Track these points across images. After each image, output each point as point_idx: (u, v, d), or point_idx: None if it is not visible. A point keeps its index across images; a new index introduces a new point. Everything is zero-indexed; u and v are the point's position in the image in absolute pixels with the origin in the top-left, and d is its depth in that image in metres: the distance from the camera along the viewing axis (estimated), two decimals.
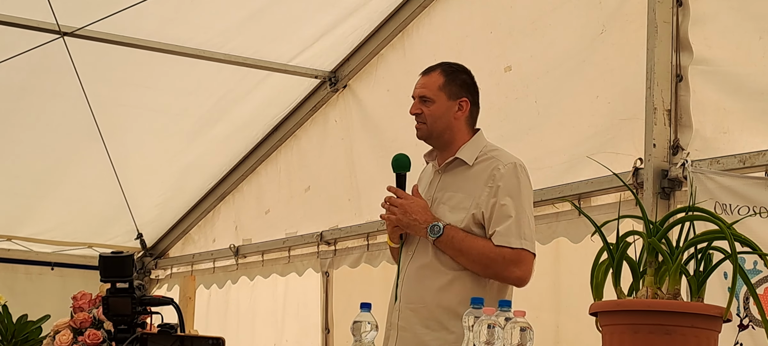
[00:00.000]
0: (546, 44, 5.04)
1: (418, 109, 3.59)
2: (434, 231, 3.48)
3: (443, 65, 3.68)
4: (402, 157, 3.60)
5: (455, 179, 3.59)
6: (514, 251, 3.44)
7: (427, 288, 3.52)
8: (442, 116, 3.58)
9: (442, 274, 3.51)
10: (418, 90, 3.62)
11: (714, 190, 4.00)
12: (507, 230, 3.45)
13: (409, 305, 3.54)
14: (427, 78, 3.64)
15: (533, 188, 4.87)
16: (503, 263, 3.44)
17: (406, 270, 3.58)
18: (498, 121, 5.24)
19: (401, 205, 3.54)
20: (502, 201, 3.47)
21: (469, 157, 3.58)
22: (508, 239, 3.44)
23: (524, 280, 3.49)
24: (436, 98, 3.58)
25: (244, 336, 7.16)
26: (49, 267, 7.76)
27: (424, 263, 3.54)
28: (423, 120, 3.59)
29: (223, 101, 6.58)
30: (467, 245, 3.47)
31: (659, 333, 2.06)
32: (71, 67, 5.92)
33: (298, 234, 6.58)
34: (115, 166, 6.78)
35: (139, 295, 2.55)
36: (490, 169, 3.53)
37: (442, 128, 3.59)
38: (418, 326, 3.52)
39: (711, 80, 4.30)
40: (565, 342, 4.93)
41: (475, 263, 3.47)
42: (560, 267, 5.03)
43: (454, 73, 3.65)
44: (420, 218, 3.52)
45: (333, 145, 6.45)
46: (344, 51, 6.23)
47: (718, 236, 2.17)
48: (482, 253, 3.45)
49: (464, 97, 3.62)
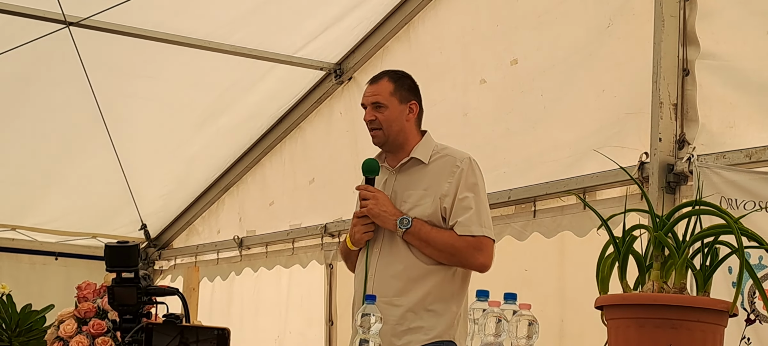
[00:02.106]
0: (552, 38, 5.03)
1: (372, 116, 3.80)
2: (404, 223, 3.71)
3: (388, 73, 3.92)
4: (371, 162, 3.84)
5: (412, 177, 3.81)
6: (476, 238, 3.68)
7: (403, 282, 3.71)
8: (396, 120, 3.80)
9: (415, 267, 3.71)
10: (370, 98, 3.83)
11: (720, 184, 3.99)
12: (468, 220, 3.68)
13: (384, 298, 3.66)
14: (377, 86, 3.85)
15: (539, 182, 4.91)
16: (467, 249, 3.67)
17: (377, 268, 3.77)
18: (504, 114, 5.24)
19: (374, 196, 3.77)
20: (462, 195, 3.71)
21: (424, 156, 3.81)
22: (469, 228, 3.68)
23: (486, 265, 3.72)
24: (388, 103, 3.80)
25: (247, 328, 7.16)
26: (53, 257, 7.76)
27: (396, 258, 3.74)
28: (378, 126, 3.80)
29: (228, 93, 6.58)
30: (433, 236, 3.69)
31: (665, 327, 2.05)
32: (76, 57, 5.91)
33: (302, 226, 6.58)
34: (120, 156, 6.78)
35: (144, 285, 2.55)
36: (448, 165, 3.77)
37: (397, 131, 3.81)
38: (393, 318, 3.68)
39: (718, 75, 4.29)
40: (570, 336, 4.93)
41: (442, 252, 3.69)
42: (565, 261, 5.02)
43: (401, 79, 3.88)
44: (389, 209, 3.75)
45: (338, 137, 6.45)
46: (349, 43, 6.22)
47: (724, 230, 2.16)
48: (447, 242, 3.68)
49: (413, 100, 3.85)
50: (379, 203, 3.75)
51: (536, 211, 4.91)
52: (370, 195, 3.77)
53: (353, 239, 3.86)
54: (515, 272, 4.89)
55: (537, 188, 4.90)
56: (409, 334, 3.68)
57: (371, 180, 3.82)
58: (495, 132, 5.24)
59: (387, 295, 3.69)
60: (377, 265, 3.78)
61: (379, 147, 3.88)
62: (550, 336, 4.87)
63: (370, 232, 3.80)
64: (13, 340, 3.67)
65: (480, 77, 5.41)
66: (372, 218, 3.77)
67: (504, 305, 2.35)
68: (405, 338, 3.68)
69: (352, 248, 3.89)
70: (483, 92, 5.39)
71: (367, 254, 3.80)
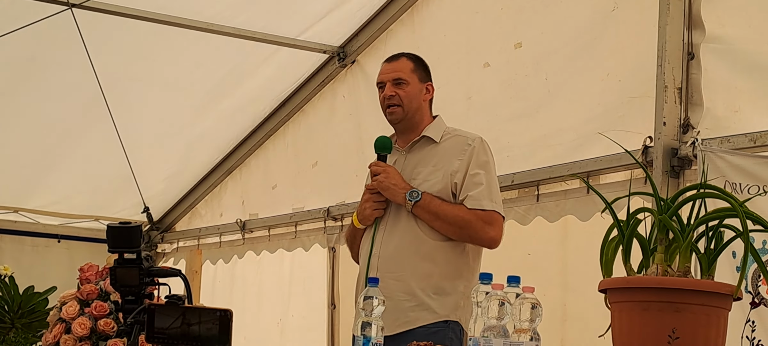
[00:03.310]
0: (557, 21, 5.01)
1: (393, 92, 3.81)
2: (413, 196, 3.71)
3: (407, 53, 3.95)
4: (384, 139, 3.86)
5: (423, 156, 3.82)
6: (486, 212, 3.68)
7: (410, 257, 3.71)
8: (415, 97, 3.84)
9: (423, 242, 3.71)
10: (390, 74, 3.85)
11: (724, 169, 3.98)
12: (479, 194, 3.69)
13: (390, 274, 3.68)
14: (397, 63, 3.88)
15: (543, 165, 4.89)
16: (478, 223, 3.67)
17: (382, 243, 3.76)
18: (508, 98, 5.22)
19: (384, 170, 3.78)
20: (473, 171, 3.72)
21: (436, 135, 3.83)
22: (480, 202, 3.68)
23: (497, 240, 3.72)
24: (410, 80, 3.83)
25: (249, 311, 7.16)
26: (55, 240, 7.77)
27: (403, 234, 3.74)
28: (397, 102, 3.82)
29: (231, 75, 6.56)
30: (443, 209, 3.69)
31: (669, 311, 2.05)
32: (79, 39, 5.90)
33: (304, 209, 6.58)
34: (123, 139, 6.77)
35: (146, 266, 2.54)
36: (460, 144, 3.78)
37: (415, 109, 3.84)
38: (399, 293, 3.67)
39: (723, 58, 4.26)
40: (572, 320, 4.93)
41: (452, 225, 3.69)
42: (568, 245, 5.01)
43: (419, 59, 3.93)
44: (399, 183, 3.75)
45: (341, 121, 6.44)
46: (353, 26, 6.21)
47: (729, 214, 2.15)
48: (458, 216, 3.68)
49: (429, 81, 3.91)
50: (390, 176, 3.76)
51: (540, 195, 4.90)
52: (381, 170, 3.79)
53: (362, 216, 3.84)
54: (518, 256, 4.88)
55: (540, 171, 4.89)
56: (416, 311, 3.67)
57: (383, 157, 3.83)
58: (499, 116, 5.23)
59: (393, 270, 3.69)
60: (383, 241, 3.77)
61: (395, 125, 3.88)
62: (553, 320, 4.87)
63: (380, 208, 3.79)
64: (16, 322, 3.68)
65: (484, 61, 5.40)
66: (381, 190, 3.76)
67: (507, 288, 2.35)
68: (411, 315, 3.67)
69: (358, 226, 3.87)
70: (487, 76, 5.37)
71: (374, 231, 3.79)
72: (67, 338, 3.26)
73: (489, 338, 2.24)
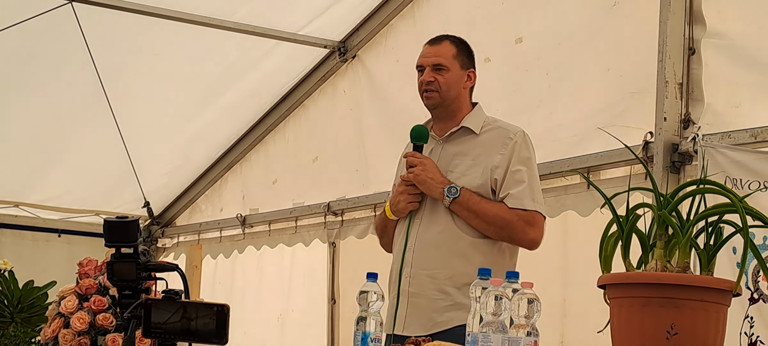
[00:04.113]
0: (558, 16, 5.00)
1: (432, 77, 3.62)
2: (452, 192, 3.52)
3: (451, 37, 3.74)
4: (421, 129, 3.65)
5: (461, 147, 3.64)
6: (528, 212, 3.52)
7: (445, 254, 3.54)
8: (455, 85, 3.64)
9: (459, 239, 3.54)
10: (431, 59, 3.66)
11: (724, 164, 3.97)
12: (521, 193, 3.51)
13: (424, 270, 3.55)
14: (439, 47, 3.68)
15: (543, 161, 4.88)
16: (519, 224, 3.51)
17: (417, 237, 3.59)
18: (508, 93, 5.21)
19: (421, 162, 3.59)
20: (515, 167, 3.54)
21: (476, 126, 3.64)
22: (522, 202, 3.51)
23: (537, 242, 3.57)
24: (451, 66, 3.64)
25: (250, 306, 7.17)
26: (55, 234, 7.77)
27: (440, 229, 3.56)
28: (435, 88, 3.62)
29: (232, 70, 6.56)
30: (482, 207, 3.52)
31: (668, 306, 2.04)
32: (79, 33, 5.89)
33: (305, 204, 6.57)
34: (123, 133, 6.77)
35: (143, 260, 2.53)
36: (501, 137, 3.60)
37: (454, 97, 3.65)
38: (433, 291, 3.53)
39: (724, 54, 4.26)
40: (572, 315, 4.92)
41: (491, 224, 3.52)
42: (568, 240, 5.01)
43: (463, 45, 3.74)
44: (437, 177, 3.56)
45: (341, 116, 6.43)
46: (354, 21, 6.20)
47: (729, 210, 2.14)
48: (498, 215, 3.51)
49: (472, 68, 3.72)
50: (427, 169, 3.56)
51: None
52: (418, 162, 3.58)
53: (396, 208, 3.64)
54: (518, 252, 4.87)
55: (541, 167, 4.84)
56: (451, 311, 3.49)
57: (419, 147, 3.62)
58: (499, 111, 5.17)
59: (427, 267, 3.54)
60: (417, 235, 3.59)
61: (431, 110, 3.68)
62: (552, 315, 4.86)
63: (415, 201, 3.60)
64: (15, 316, 3.68)
65: (484, 56, 5.38)
66: (418, 184, 3.57)
67: (505, 283, 2.34)
68: (446, 315, 3.49)
69: (390, 217, 3.69)
70: (487, 71, 5.35)
71: (409, 224, 3.61)
72: (66, 332, 3.26)
73: (487, 333, 2.23)
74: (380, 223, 3.82)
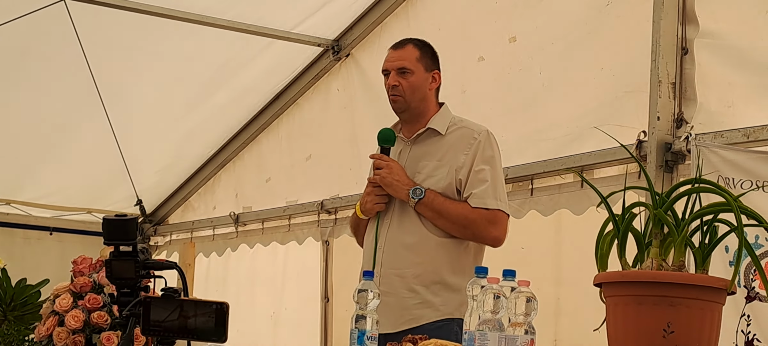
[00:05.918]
0: (551, 15, 5.01)
1: (396, 81, 3.71)
2: (417, 193, 3.63)
3: (414, 40, 3.83)
4: (387, 132, 3.75)
5: (428, 148, 3.73)
6: (490, 211, 3.62)
7: (413, 253, 3.64)
8: (420, 87, 3.73)
9: (427, 239, 3.65)
10: (395, 63, 3.75)
11: (718, 164, 3.99)
12: (483, 192, 3.61)
13: (393, 270, 3.65)
14: (402, 51, 3.77)
15: (536, 160, 4.90)
16: (481, 222, 3.61)
17: (387, 237, 3.70)
18: (502, 92, 5.22)
19: (387, 165, 3.69)
20: (478, 167, 3.64)
21: (441, 127, 3.73)
22: (484, 201, 3.61)
23: (500, 240, 3.66)
24: (415, 69, 3.73)
25: (243, 304, 7.16)
26: (47, 232, 7.76)
27: (408, 229, 3.67)
28: (400, 93, 3.72)
29: (225, 68, 6.56)
30: (446, 208, 3.62)
31: (664, 305, 2.05)
32: (73, 30, 5.89)
33: (298, 203, 6.58)
34: (116, 131, 6.76)
35: (142, 259, 2.54)
36: (466, 137, 3.70)
37: (419, 99, 3.74)
38: (402, 290, 3.63)
39: (717, 54, 4.27)
40: (566, 314, 4.94)
41: (455, 224, 3.62)
42: (562, 239, 5.02)
43: (426, 47, 3.81)
44: (402, 179, 3.67)
45: (335, 114, 6.43)
46: (347, 19, 6.20)
47: (724, 209, 2.16)
48: (461, 214, 3.61)
49: (436, 69, 3.79)
50: (393, 172, 3.67)
51: (534, 189, 4.91)
52: (384, 164, 3.69)
53: (364, 209, 3.77)
54: (512, 250, 4.87)
55: (534, 165, 4.90)
56: (421, 308, 3.62)
57: (386, 150, 3.73)
58: (493, 110, 5.23)
59: (396, 266, 3.64)
60: (387, 236, 3.70)
61: (399, 114, 3.77)
62: (546, 314, 4.87)
63: (382, 203, 3.72)
64: (8, 314, 3.67)
65: (478, 55, 5.40)
66: (384, 187, 3.69)
67: (502, 281, 2.35)
68: (416, 312, 3.62)
69: (361, 217, 3.80)
70: (481, 70, 5.38)
71: (377, 224, 3.72)
72: (61, 330, 3.26)
73: (484, 331, 2.24)
74: (353, 221, 3.94)
